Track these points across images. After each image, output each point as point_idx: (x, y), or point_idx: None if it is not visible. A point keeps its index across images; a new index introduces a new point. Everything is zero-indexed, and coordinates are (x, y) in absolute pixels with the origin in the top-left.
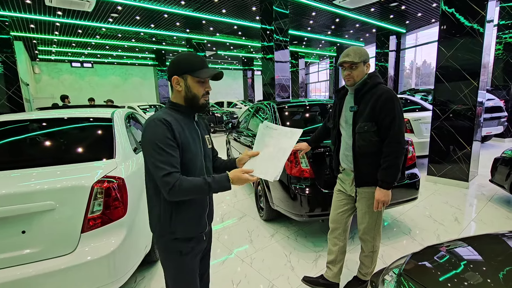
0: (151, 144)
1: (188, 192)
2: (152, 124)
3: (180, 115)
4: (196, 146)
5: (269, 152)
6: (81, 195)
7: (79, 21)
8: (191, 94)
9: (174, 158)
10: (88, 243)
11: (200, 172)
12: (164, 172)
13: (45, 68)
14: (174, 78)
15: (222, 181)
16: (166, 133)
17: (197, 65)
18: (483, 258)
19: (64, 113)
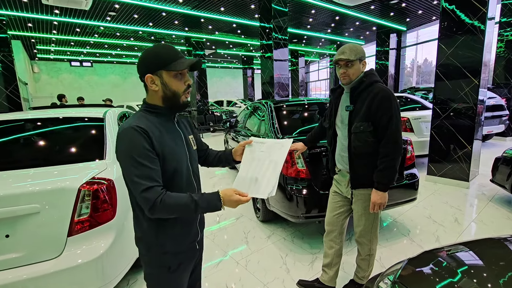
0: (125, 157)
1: (171, 210)
2: (125, 133)
3: (158, 118)
4: (181, 150)
5: (259, 167)
6: (67, 198)
7: (76, 20)
8: (170, 92)
9: (153, 171)
10: (75, 247)
11: (188, 178)
12: (142, 188)
13: (44, 67)
14: (148, 77)
15: (212, 200)
16: (142, 142)
17: (171, 57)
18: (482, 264)
19: (55, 113)
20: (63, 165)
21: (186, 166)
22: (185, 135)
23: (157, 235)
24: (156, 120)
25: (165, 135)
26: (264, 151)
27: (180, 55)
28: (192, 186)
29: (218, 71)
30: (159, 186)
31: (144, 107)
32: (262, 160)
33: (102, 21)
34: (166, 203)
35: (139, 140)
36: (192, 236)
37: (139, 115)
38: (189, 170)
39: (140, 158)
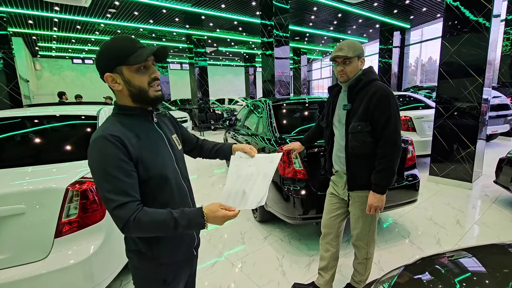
0: (96, 170)
1: (147, 229)
2: (95, 144)
3: (134, 120)
4: (164, 153)
5: (247, 180)
6: (54, 198)
7: (77, 17)
8: (135, 89)
9: (128, 184)
10: (63, 249)
11: (177, 182)
12: (114, 204)
13: (46, 64)
14: (107, 76)
15: (194, 217)
16: (115, 153)
17: (128, 50)
18: (484, 271)
19: (48, 110)
20: (53, 164)
21: (173, 169)
22: (167, 135)
23: (151, 246)
24: (131, 123)
25: (143, 139)
26: (252, 165)
27: (138, 45)
28: (182, 189)
29: (220, 69)
30: (135, 202)
31: (115, 110)
32: (249, 174)
33: (103, 18)
34: (141, 222)
35: (111, 150)
36: (189, 243)
37: (112, 120)
38: (177, 173)
39: (112, 171)
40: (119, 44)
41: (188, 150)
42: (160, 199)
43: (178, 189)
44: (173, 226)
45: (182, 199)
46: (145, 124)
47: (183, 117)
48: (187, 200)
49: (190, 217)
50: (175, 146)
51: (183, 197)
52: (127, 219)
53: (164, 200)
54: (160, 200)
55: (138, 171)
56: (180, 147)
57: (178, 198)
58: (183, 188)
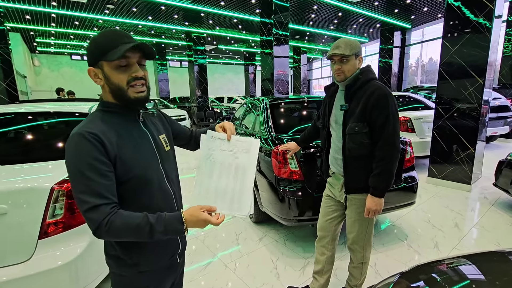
0: (71, 169)
1: (120, 233)
2: (71, 141)
3: (117, 117)
4: (148, 154)
5: (225, 175)
6: (38, 198)
7: (75, 13)
8: (114, 86)
9: (102, 186)
10: (47, 250)
11: (161, 185)
12: (86, 206)
13: (45, 60)
14: (90, 70)
15: (171, 223)
16: (91, 151)
17: (110, 45)
18: (484, 279)
19: (38, 107)
20: (41, 162)
21: (156, 171)
22: (153, 135)
23: (130, 252)
24: (113, 121)
25: (125, 138)
26: (226, 150)
27: (122, 41)
28: (167, 193)
29: (220, 67)
30: (109, 205)
31: (99, 106)
32: (226, 165)
33: (101, 14)
34: (114, 226)
35: (88, 148)
36: (172, 250)
37: (94, 117)
38: (161, 175)
39: (86, 171)
40: (103, 38)
41: (184, 143)
42: (140, 202)
43: (161, 193)
44: (148, 232)
45: (166, 203)
46: (129, 122)
47: (182, 115)
48: (173, 204)
49: (167, 222)
50: (161, 147)
51: (168, 201)
52: (99, 222)
53: (144, 204)
54: (140, 204)
55: (117, 172)
56: (168, 148)
57: (162, 202)
58: (167, 192)
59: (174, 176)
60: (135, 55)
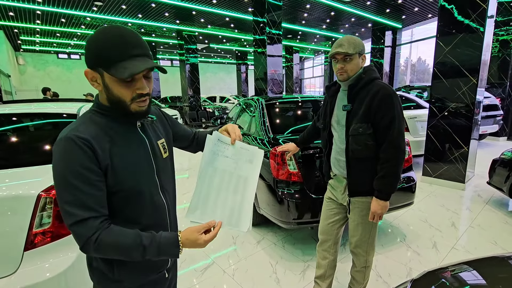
0: (57, 177)
1: (109, 252)
2: (59, 146)
3: (112, 121)
4: (144, 162)
5: (225, 185)
6: (23, 206)
7: (61, 9)
8: (114, 98)
9: (91, 197)
10: (34, 263)
11: (154, 196)
12: (73, 220)
13: (30, 59)
14: (87, 72)
15: (167, 247)
16: (80, 158)
17: (114, 54)
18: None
19: (24, 108)
20: (26, 167)
21: (151, 181)
22: (151, 141)
23: (112, 267)
24: (108, 125)
25: (119, 144)
26: (229, 157)
27: (130, 53)
28: (159, 205)
29: (212, 66)
30: (98, 218)
31: (93, 107)
32: (227, 174)
33: (88, 11)
34: (103, 244)
35: (76, 155)
36: (160, 264)
37: (86, 118)
38: (155, 186)
39: (74, 180)
40: (108, 42)
41: (185, 146)
42: (127, 214)
43: (152, 205)
44: (140, 255)
45: (157, 216)
46: (125, 127)
47: (173, 115)
48: (165, 217)
49: (161, 246)
50: (158, 154)
51: (159, 214)
52: (87, 238)
53: (131, 216)
54: (127, 215)
55: (107, 181)
56: (166, 155)
57: (152, 215)
58: (160, 204)
59: (169, 186)
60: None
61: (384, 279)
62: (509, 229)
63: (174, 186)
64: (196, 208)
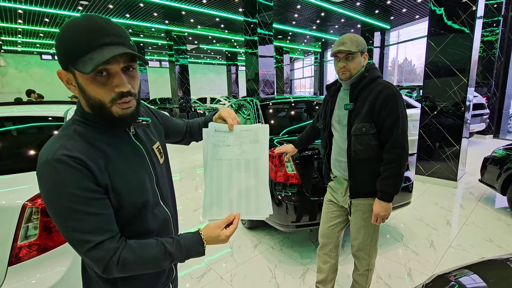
0: (55, 206)
1: (135, 269)
2: (48, 170)
3: (101, 133)
4: (142, 174)
5: (235, 174)
6: (7, 218)
7: (44, 9)
8: (93, 101)
9: (101, 217)
10: (19, 278)
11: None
12: (87, 246)
13: (12, 60)
14: (60, 73)
15: (193, 249)
16: (78, 180)
17: (83, 45)
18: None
19: (5, 111)
20: (9, 174)
21: (151, 193)
22: (147, 148)
23: (115, 286)
24: (97, 138)
25: (114, 159)
26: (231, 145)
27: (101, 41)
28: (162, 215)
29: (202, 67)
30: (113, 238)
31: (77, 115)
32: (234, 163)
33: (73, 11)
34: (127, 262)
35: (72, 177)
36: (166, 277)
37: (71, 131)
38: (156, 196)
39: (77, 205)
40: (75, 32)
41: (179, 140)
42: (130, 229)
43: (155, 217)
44: (169, 262)
45: (161, 226)
46: (117, 137)
47: None
48: (169, 226)
49: (187, 248)
50: (155, 161)
51: (162, 224)
52: (108, 261)
53: (135, 230)
54: (130, 230)
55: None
56: (162, 160)
57: (155, 226)
58: (162, 214)
59: (169, 193)
60: (120, 59)
61: (384, 280)
62: (503, 226)
63: (173, 190)
64: (211, 206)
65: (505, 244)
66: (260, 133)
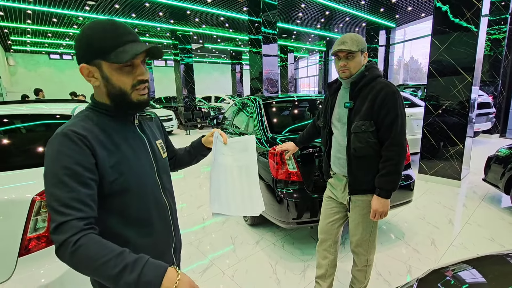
0: (48, 174)
1: (88, 260)
2: (54, 141)
3: (110, 120)
4: (143, 161)
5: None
6: (17, 211)
7: (52, 9)
8: (115, 89)
9: (81, 195)
10: (28, 269)
11: (157, 197)
12: (57, 221)
13: (21, 59)
14: (83, 67)
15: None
16: (75, 155)
17: (111, 42)
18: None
19: (16, 109)
20: (19, 170)
21: (152, 181)
22: (150, 140)
23: None
24: (107, 124)
25: (119, 143)
26: (225, 154)
27: (126, 38)
28: (162, 204)
29: (206, 66)
30: (83, 220)
31: (91, 105)
32: (229, 168)
33: (81, 11)
34: (82, 249)
35: (71, 150)
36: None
37: (83, 116)
38: (157, 186)
39: (67, 177)
40: (102, 32)
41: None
42: (135, 215)
43: (156, 205)
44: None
45: (161, 217)
46: (124, 126)
47: (168, 115)
48: (167, 218)
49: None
50: (158, 154)
51: (163, 213)
52: (63, 241)
53: (139, 217)
54: (134, 217)
55: (109, 182)
56: (165, 155)
57: (156, 216)
58: (163, 204)
59: (169, 186)
60: (141, 54)
61: (384, 277)
62: (506, 225)
63: (172, 187)
64: (214, 201)
65: (508, 243)
66: (249, 143)
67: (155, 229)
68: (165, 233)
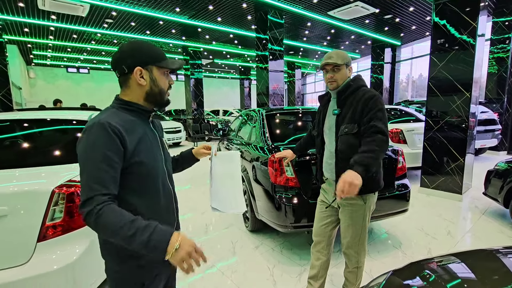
0: (85, 155)
1: (109, 225)
2: (92, 129)
3: (133, 116)
4: (155, 153)
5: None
6: (38, 201)
7: (73, 26)
8: (157, 89)
9: (109, 176)
10: (45, 253)
11: (164, 182)
12: (86, 195)
13: (40, 72)
14: (137, 69)
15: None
16: (109, 143)
17: (162, 54)
18: (474, 277)
19: (38, 114)
20: (42, 166)
21: (162, 169)
22: (160, 136)
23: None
24: (130, 119)
25: (142, 135)
26: (216, 163)
27: (163, 53)
28: (168, 190)
29: (216, 81)
30: (106, 195)
31: (117, 103)
32: (219, 174)
33: (99, 28)
34: (104, 216)
35: (107, 140)
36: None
37: (112, 112)
38: (164, 174)
39: (100, 161)
40: (151, 46)
41: None
42: (148, 194)
43: (163, 190)
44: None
45: (167, 200)
46: (143, 122)
47: (177, 127)
48: (172, 202)
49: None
50: (165, 148)
51: (168, 198)
52: (92, 208)
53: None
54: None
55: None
56: (168, 150)
57: (164, 199)
58: (168, 190)
59: (172, 176)
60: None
61: None
62: (504, 238)
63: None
64: (213, 199)
65: None
66: (233, 157)
67: (161, 207)
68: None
